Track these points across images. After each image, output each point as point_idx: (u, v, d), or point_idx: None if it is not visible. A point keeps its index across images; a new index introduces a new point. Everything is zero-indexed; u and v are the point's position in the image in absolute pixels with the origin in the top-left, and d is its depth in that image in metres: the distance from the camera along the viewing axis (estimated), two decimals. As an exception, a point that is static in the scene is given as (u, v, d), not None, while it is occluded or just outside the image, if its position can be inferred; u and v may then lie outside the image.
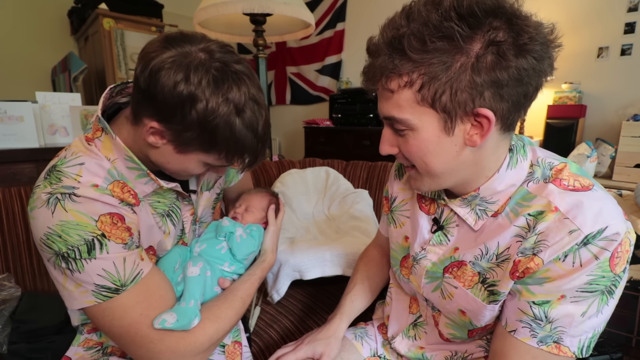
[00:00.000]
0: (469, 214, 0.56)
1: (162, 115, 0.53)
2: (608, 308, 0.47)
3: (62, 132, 1.59)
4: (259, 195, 0.84)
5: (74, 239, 0.51)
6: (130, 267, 0.55)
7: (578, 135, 2.19)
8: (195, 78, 0.50)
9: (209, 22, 1.60)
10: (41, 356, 0.82)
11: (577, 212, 0.46)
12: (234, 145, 0.57)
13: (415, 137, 0.49)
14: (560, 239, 0.46)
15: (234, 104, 0.53)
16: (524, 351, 0.50)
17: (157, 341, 0.56)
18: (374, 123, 2.87)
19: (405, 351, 0.71)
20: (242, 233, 0.75)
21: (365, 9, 3.28)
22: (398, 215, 0.72)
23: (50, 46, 3.08)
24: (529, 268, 0.48)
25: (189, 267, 0.66)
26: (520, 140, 0.56)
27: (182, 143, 0.56)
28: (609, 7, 2.16)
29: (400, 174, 0.74)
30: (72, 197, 0.52)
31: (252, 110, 0.56)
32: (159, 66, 0.50)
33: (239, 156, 0.59)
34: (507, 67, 0.42)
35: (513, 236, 0.51)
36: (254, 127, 0.57)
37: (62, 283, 0.54)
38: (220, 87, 0.52)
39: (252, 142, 0.58)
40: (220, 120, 0.53)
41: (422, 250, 0.63)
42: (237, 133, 0.55)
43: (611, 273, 0.45)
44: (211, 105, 0.51)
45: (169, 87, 0.50)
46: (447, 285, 0.59)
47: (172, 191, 0.67)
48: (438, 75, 0.44)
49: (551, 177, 0.51)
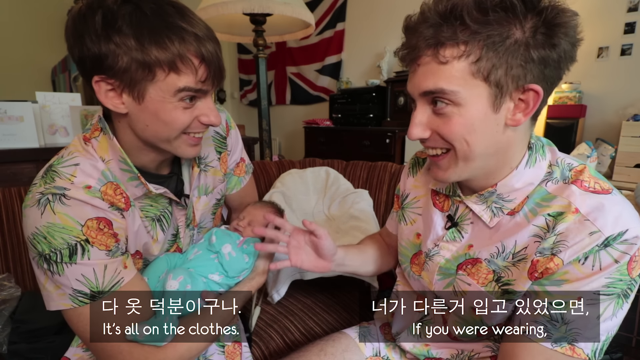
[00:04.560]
0: (485, 211, 0.56)
1: (94, 62, 0.51)
2: (622, 312, 0.47)
3: (62, 132, 1.59)
4: (264, 211, 0.82)
5: (57, 241, 0.52)
6: (110, 275, 0.55)
7: (578, 135, 2.19)
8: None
9: (208, 22, 1.59)
10: (41, 356, 0.82)
11: (598, 214, 0.46)
12: (159, 40, 0.50)
13: (461, 113, 0.48)
14: (580, 239, 0.46)
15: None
16: (537, 352, 0.49)
17: (126, 353, 0.56)
18: (374, 123, 2.87)
19: (410, 348, 0.71)
20: (231, 250, 0.71)
21: (365, 9, 3.27)
22: (409, 213, 0.72)
23: (50, 46, 3.08)
24: (548, 268, 0.48)
25: (168, 280, 0.64)
26: (539, 141, 0.56)
27: (130, 83, 0.52)
28: (609, 7, 2.16)
29: (414, 171, 0.74)
30: (62, 199, 0.53)
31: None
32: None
33: (180, 57, 0.51)
34: (555, 46, 0.44)
35: (531, 236, 0.51)
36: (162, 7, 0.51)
37: (43, 283, 0.54)
38: None
39: (177, 23, 0.51)
40: (124, 21, 0.49)
41: (435, 247, 0.63)
42: (148, 22, 0.50)
43: (628, 277, 0.45)
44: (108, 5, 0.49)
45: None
46: (460, 282, 0.59)
47: (163, 196, 0.66)
48: (497, 48, 0.44)
49: (571, 178, 0.51)
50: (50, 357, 0.81)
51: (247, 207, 0.84)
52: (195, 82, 0.54)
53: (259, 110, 1.89)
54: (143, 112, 0.55)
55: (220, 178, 0.79)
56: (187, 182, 0.71)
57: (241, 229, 0.78)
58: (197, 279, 0.68)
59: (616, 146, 2.05)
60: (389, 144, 2.64)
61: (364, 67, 3.38)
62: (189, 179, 0.71)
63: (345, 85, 3.33)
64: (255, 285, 0.74)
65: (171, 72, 0.52)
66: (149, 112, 0.54)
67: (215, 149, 0.76)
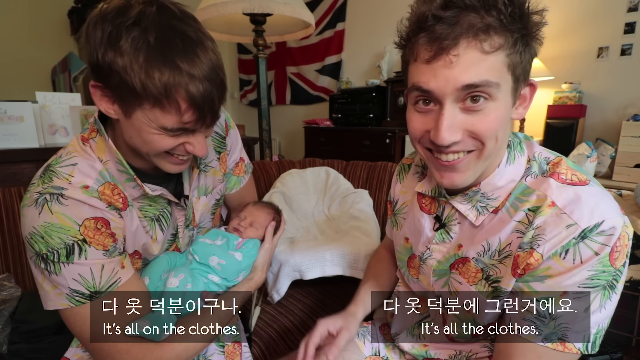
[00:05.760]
0: (470, 210, 0.57)
1: (93, 68, 0.51)
2: (611, 303, 0.47)
3: (62, 132, 1.59)
4: (266, 211, 0.83)
5: (55, 241, 0.52)
6: (107, 275, 0.55)
7: (578, 135, 2.19)
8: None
9: (209, 22, 1.60)
10: (41, 356, 0.82)
11: (574, 207, 0.46)
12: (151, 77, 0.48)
13: (496, 107, 0.46)
14: (557, 233, 0.46)
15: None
16: (528, 350, 0.50)
17: (123, 352, 0.56)
18: (374, 123, 2.87)
19: (409, 348, 0.71)
20: (219, 260, 0.71)
21: (365, 9, 3.27)
22: (400, 218, 0.73)
23: (50, 46, 3.09)
24: (529, 264, 0.48)
25: (169, 278, 0.64)
26: (515, 137, 0.56)
27: (120, 99, 0.52)
28: (608, 7, 2.16)
29: (401, 177, 0.75)
30: (59, 199, 0.53)
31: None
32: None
33: (167, 96, 0.49)
34: (537, 39, 0.47)
35: (513, 231, 0.51)
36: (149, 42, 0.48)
37: (40, 282, 0.55)
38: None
39: (174, 60, 0.49)
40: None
41: (427, 250, 0.64)
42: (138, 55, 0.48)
43: (612, 267, 0.45)
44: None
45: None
46: (453, 281, 0.60)
47: (162, 197, 0.66)
48: (526, 41, 0.46)
49: (549, 171, 0.52)
50: (50, 357, 0.81)
51: (248, 207, 0.84)
52: (179, 123, 0.53)
53: (259, 110, 1.89)
54: (128, 126, 0.54)
55: (220, 178, 0.78)
56: (186, 182, 0.71)
57: (242, 229, 0.78)
58: (198, 278, 0.69)
59: (616, 146, 2.05)
60: (389, 144, 2.64)
61: (364, 67, 3.39)
62: (189, 179, 0.71)
63: (345, 85, 3.33)
64: (254, 285, 0.74)
65: (156, 107, 0.51)
66: (134, 128, 0.54)
67: (214, 148, 0.76)
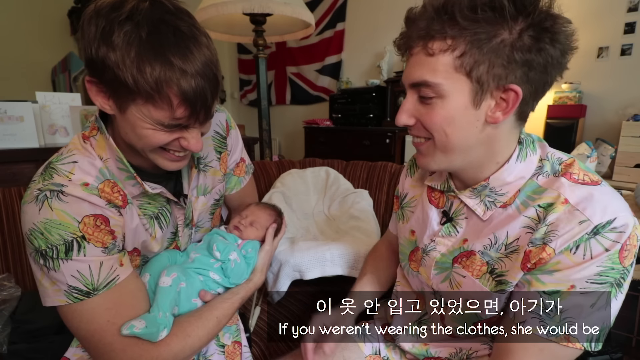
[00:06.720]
0: (478, 205, 0.58)
1: (88, 63, 0.51)
2: (617, 302, 0.48)
3: (62, 132, 1.59)
4: (267, 213, 0.82)
5: (54, 237, 0.52)
6: (105, 272, 0.55)
7: (578, 135, 2.19)
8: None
9: (209, 22, 1.60)
10: (41, 356, 0.82)
11: (587, 204, 0.47)
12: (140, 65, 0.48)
13: (442, 105, 0.50)
14: (570, 228, 0.47)
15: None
16: (531, 342, 0.50)
17: (119, 351, 0.55)
18: (374, 123, 2.87)
19: (409, 347, 0.71)
20: (237, 257, 0.71)
21: (365, 9, 3.27)
22: (407, 211, 0.74)
23: (50, 46, 3.09)
24: (541, 259, 0.49)
25: (162, 276, 0.64)
26: (529, 137, 0.57)
27: (114, 94, 0.52)
28: (608, 7, 2.16)
29: (412, 171, 0.76)
30: (59, 196, 0.53)
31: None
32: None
33: (158, 91, 0.49)
34: (541, 50, 0.46)
35: (522, 227, 0.52)
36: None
37: (39, 279, 0.55)
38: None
39: (166, 55, 0.48)
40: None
41: (432, 242, 0.64)
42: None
43: (620, 266, 0.46)
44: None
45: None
46: (455, 275, 0.60)
47: (161, 195, 0.66)
48: (481, 45, 0.46)
49: (561, 171, 0.53)
50: (50, 357, 0.81)
51: (250, 207, 0.83)
52: (170, 119, 0.52)
53: (259, 110, 1.89)
54: (123, 122, 0.55)
55: (220, 178, 0.78)
56: (185, 182, 0.71)
57: (242, 227, 0.78)
58: (194, 277, 0.68)
59: (616, 146, 2.05)
60: (389, 144, 2.64)
61: (364, 67, 3.39)
62: (188, 179, 0.71)
63: (345, 85, 3.33)
64: (254, 287, 0.74)
65: (148, 102, 0.51)
66: (128, 123, 0.54)
67: (215, 148, 0.76)
